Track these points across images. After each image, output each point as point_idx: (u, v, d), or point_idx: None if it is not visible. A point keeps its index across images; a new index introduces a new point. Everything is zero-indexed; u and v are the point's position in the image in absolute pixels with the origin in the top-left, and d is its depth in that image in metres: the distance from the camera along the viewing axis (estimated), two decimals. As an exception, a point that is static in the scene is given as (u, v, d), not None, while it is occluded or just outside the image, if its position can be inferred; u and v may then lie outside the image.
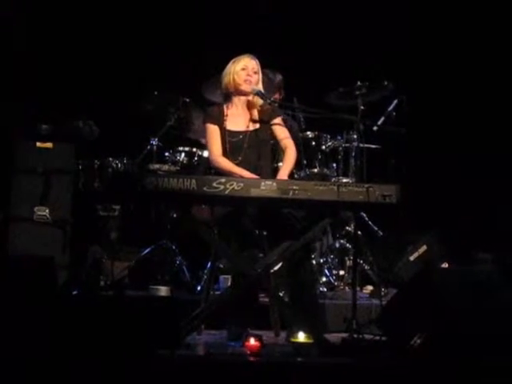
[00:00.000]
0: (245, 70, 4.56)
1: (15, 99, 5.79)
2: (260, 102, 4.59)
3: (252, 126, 4.60)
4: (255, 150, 4.55)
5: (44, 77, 6.16)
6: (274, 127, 4.62)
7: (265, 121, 4.61)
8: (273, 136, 4.63)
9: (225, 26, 6.57)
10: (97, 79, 6.32)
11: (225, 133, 4.55)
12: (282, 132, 4.63)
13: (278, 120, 4.64)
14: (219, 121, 4.56)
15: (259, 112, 4.62)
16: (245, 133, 4.57)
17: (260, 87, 4.60)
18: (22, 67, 5.98)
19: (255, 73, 4.58)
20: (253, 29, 6.55)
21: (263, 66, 4.70)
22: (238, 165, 4.43)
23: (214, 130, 4.55)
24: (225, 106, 4.63)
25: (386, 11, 6.66)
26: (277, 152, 4.88)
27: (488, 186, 6.53)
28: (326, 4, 6.69)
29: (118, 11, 6.47)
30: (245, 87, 4.56)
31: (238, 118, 4.60)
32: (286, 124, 4.73)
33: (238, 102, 4.62)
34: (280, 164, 4.76)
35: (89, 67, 6.35)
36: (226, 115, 4.59)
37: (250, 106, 4.62)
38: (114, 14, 6.46)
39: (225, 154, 4.50)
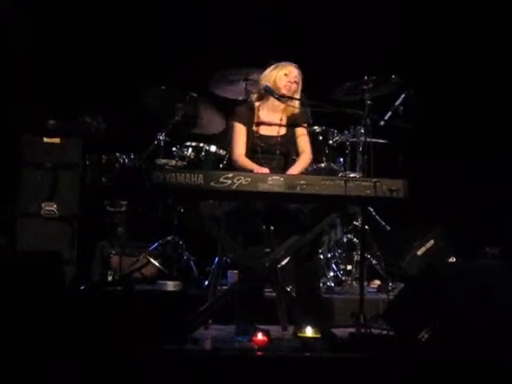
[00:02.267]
0: (287, 76, 4.59)
1: (23, 95, 5.79)
2: (294, 109, 4.61)
3: (282, 131, 4.65)
4: (285, 156, 4.63)
5: (51, 72, 6.16)
6: (298, 133, 4.66)
7: (293, 126, 4.66)
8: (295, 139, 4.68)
9: (229, 20, 6.55)
10: (104, 75, 6.32)
11: (254, 135, 4.58)
12: (303, 139, 4.67)
13: (304, 127, 4.68)
14: (248, 121, 4.61)
15: (289, 117, 4.66)
16: (276, 138, 4.61)
17: (297, 96, 4.61)
18: (29, 63, 5.99)
19: (296, 82, 4.61)
20: (259, 23, 6.54)
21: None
22: (270, 170, 4.40)
23: (240, 130, 4.59)
24: (256, 107, 4.65)
25: (392, 4, 6.64)
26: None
27: (496, 180, 6.51)
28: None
29: (124, 5, 6.47)
30: (283, 92, 4.57)
31: (269, 122, 4.64)
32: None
33: (272, 105, 4.64)
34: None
35: (96, 63, 6.35)
36: (258, 117, 4.62)
37: (282, 110, 4.64)
38: (122, 8, 6.46)
39: (255, 156, 4.54)
